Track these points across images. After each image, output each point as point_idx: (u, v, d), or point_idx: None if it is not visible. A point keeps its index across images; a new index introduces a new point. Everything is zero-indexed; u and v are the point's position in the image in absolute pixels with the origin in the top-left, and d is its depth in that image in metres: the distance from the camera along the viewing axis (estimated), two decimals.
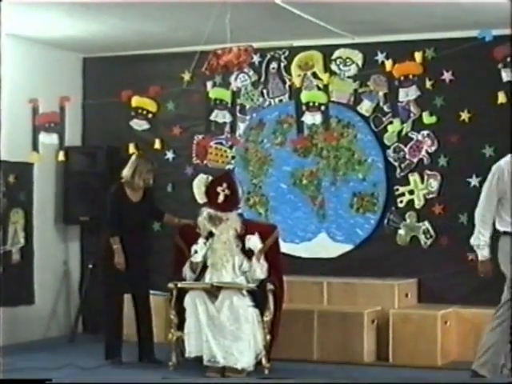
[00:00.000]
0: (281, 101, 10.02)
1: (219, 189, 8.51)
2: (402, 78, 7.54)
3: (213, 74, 8.24)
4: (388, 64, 7.88)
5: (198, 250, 8.30)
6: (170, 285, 8.31)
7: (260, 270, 8.30)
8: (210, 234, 8.36)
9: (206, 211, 8.50)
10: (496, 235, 7.22)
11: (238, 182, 9.00)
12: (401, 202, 9.58)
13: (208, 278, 8.31)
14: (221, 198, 8.48)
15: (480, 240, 7.16)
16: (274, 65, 10.03)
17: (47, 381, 2.71)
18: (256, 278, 8.30)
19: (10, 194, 9.76)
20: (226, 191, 8.51)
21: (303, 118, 8.00)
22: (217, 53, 7.61)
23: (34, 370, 8.20)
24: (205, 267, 8.37)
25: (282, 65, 9.99)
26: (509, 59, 6.87)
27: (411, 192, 9.54)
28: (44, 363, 8.47)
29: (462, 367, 8.19)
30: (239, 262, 8.36)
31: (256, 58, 9.86)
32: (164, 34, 9.54)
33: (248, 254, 8.37)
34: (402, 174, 9.58)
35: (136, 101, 8.25)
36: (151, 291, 8.88)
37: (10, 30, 9.33)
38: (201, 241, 8.32)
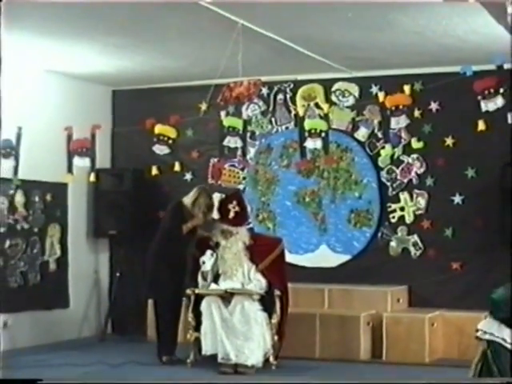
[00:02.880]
0: (287, 128, 10.03)
1: (230, 206, 8.52)
2: (394, 108, 7.53)
3: (226, 104, 8.24)
4: (381, 96, 7.88)
5: (206, 261, 8.29)
6: (188, 291, 8.30)
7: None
8: (217, 245, 8.35)
9: (219, 226, 8.52)
10: None
11: (245, 199, 9.03)
12: (393, 217, 9.57)
13: (221, 284, 8.31)
14: (231, 215, 8.49)
15: None
16: (280, 96, 10.05)
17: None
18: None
19: (48, 211, 9.78)
20: (236, 208, 8.51)
21: (306, 144, 7.99)
22: (230, 86, 7.62)
23: (67, 366, 8.23)
24: (218, 275, 8.36)
25: (288, 96, 10.00)
26: (487, 92, 6.86)
27: (402, 209, 9.53)
28: (76, 360, 8.47)
29: (447, 364, 8.23)
30: (247, 270, 8.37)
31: (265, 90, 9.89)
32: (183, 69, 9.57)
33: (255, 262, 8.38)
34: (394, 192, 9.57)
35: (158, 128, 8.24)
36: None
37: (50, 66, 9.41)
38: (208, 252, 8.33)
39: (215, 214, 8.69)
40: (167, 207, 8.85)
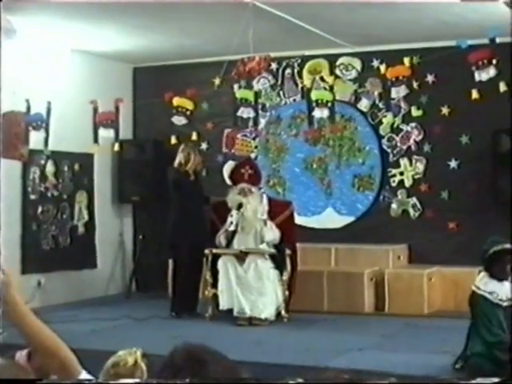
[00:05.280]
0: (294, 100, 10.00)
1: (243, 170, 8.56)
2: (394, 79, 7.50)
3: (240, 78, 8.22)
4: (382, 68, 7.85)
5: (234, 221, 8.28)
6: (206, 251, 8.33)
7: (268, 234, 8.30)
8: (240, 207, 8.34)
9: (235, 187, 8.52)
10: None
11: (257, 165, 9.06)
12: (393, 181, 9.56)
13: (236, 244, 8.33)
14: (246, 176, 8.52)
15: None
16: (288, 71, 10.01)
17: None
18: (266, 239, 8.30)
19: (76, 179, 9.81)
20: (250, 171, 8.55)
21: (313, 113, 7.97)
22: (244, 61, 7.62)
23: (96, 320, 8.30)
24: (233, 235, 8.37)
25: (295, 70, 9.96)
26: (480, 63, 6.83)
27: (402, 173, 9.52)
28: (105, 315, 8.54)
29: (444, 315, 8.26)
30: (260, 228, 8.35)
31: (274, 66, 9.84)
32: (198, 46, 9.53)
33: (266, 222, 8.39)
34: (394, 158, 9.55)
35: (176, 101, 8.21)
36: None
37: (76, 46, 9.40)
38: (234, 212, 8.30)
39: (228, 180, 8.72)
40: None
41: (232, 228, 8.29)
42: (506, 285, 5.53)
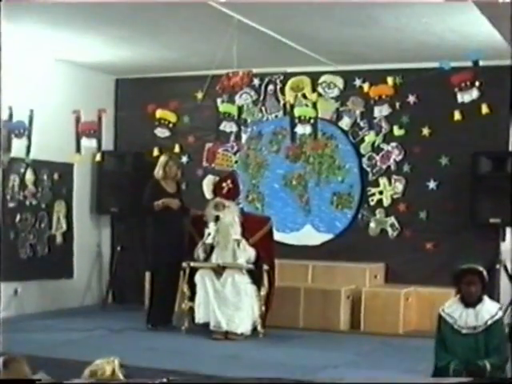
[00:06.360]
0: (276, 116, 10.02)
1: (224, 184, 8.54)
2: (377, 97, 7.53)
3: (224, 92, 8.24)
4: (365, 86, 7.89)
5: (211, 232, 8.27)
6: (184, 264, 8.31)
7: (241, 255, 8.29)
8: (217, 220, 8.30)
9: (212, 200, 8.53)
10: None
11: (239, 180, 9.05)
12: (372, 200, 9.59)
13: (214, 258, 8.31)
14: (225, 190, 8.51)
15: None
16: (271, 87, 10.03)
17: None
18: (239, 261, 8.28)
19: (55, 189, 9.77)
20: (230, 185, 8.54)
21: (296, 129, 8.00)
22: (229, 75, 7.64)
23: (72, 330, 8.24)
24: (211, 249, 8.34)
25: (278, 87, 9.97)
26: (463, 84, 6.87)
27: (381, 192, 9.56)
28: (80, 326, 8.50)
29: (420, 335, 8.27)
30: (238, 242, 8.28)
31: (256, 81, 9.85)
32: (181, 60, 9.53)
33: (246, 238, 8.35)
34: (374, 177, 9.59)
35: (159, 113, 8.19)
36: None
37: (59, 56, 9.39)
38: (211, 225, 8.28)
39: (210, 193, 8.70)
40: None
41: (209, 241, 8.26)
42: (470, 312, 5.41)
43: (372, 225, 9.57)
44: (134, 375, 3.54)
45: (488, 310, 5.37)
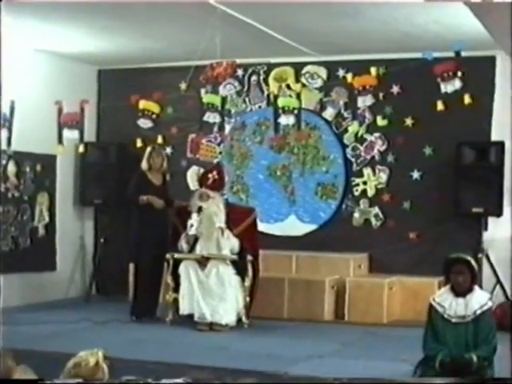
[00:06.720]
0: (260, 107, 10.01)
1: (210, 175, 8.53)
2: (361, 87, 7.55)
3: (207, 82, 8.24)
4: (349, 77, 7.89)
5: (194, 224, 8.26)
6: (168, 256, 8.30)
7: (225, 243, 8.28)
8: (199, 210, 8.30)
9: (197, 191, 8.53)
10: None
11: (225, 171, 9.04)
12: (356, 190, 9.60)
13: (198, 249, 8.29)
14: (210, 181, 8.50)
15: None
16: (254, 77, 10.01)
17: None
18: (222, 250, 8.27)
19: (37, 180, 9.73)
20: (216, 176, 8.52)
21: (279, 120, 8.00)
22: (213, 66, 7.62)
23: (56, 323, 8.22)
24: (195, 241, 8.35)
25: (261, 78, 9.97)
26: (446, 74, 6.90)
27: (365, 183, 9.57)
28: (64, 318, 8.47)
29: (403, 324, 8.31)
30: (222, 232, 8.27)
31: (240, 72, 9.84)
32: (164, 50, 9.50)
33: (230, 229, 8.35)
34: (358, 168, 9.60)
35: (143, 104, 8.18)
36: None
37: (40, 46, 9.32)
38: (194, 215, 8.25)
39: (196, 184, 8.69)
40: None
41: (192, 232, 8.25)
42: (460, 302, 5.44)
43: (356, 215, 9.58)
44: (118, 367, 3.53)
45: (478, 299, 5.40)
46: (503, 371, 5.30)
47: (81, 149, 8.42)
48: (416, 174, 9.32)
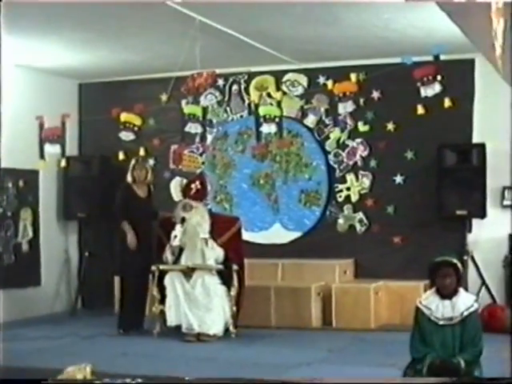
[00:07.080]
0: (241, 116, 10.03)
1: (193, 185, 8.53)
2: (341, 94, 7.57)
3: (189, 93, 8.23)
4: (329, 84, 7.91)
5: (178, 234, 8.25)
6: (153, 267, 8.28)
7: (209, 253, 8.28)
8: (183, 221, 8.28)
9: (180, 202, 8.52)
10: None
11: (207, 181, 9.04)
12: (340, 196, 9.62)
13: (183, 260, 8.28)
14: (193, 191, 8.49)
15: None
16: (235, 87, 10.03)
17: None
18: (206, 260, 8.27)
19: (20, 196, 9.69)
20: (198, 186, 8.52)
21: (261, 129, 8.00)
22: (194, 76, 7.63)
23: (42, 338, 8.17)
24: (180, 251, 8.33)
25: (242, 87, 9.99)
26: (426, 79, 6.92)
27: (348, 189, 9.59)
28: (50, 333, 8.43)
29: (391, 329, 8.32)
30: (206, 242, 8.26)
31: (221, 82, 9.87)
32: (144, 63, 9.50)
33: (214, 239, 8.34)
34: (341, 174, 9.62)
35: (124, 116, 8.16)
36: None
37: (20, 61, 9.30)
38: (178, 226, 8.25)
39: (179, 195, 8.67)
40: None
41: (176, 243, 8.24)
42: (446, 304, 5.45)
43: (340, 221, 9.60)
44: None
45: (464, 301, 5.41)
46: (491, 372, 5.31)
47: (63, 163, 8.40)
48: (399, 179, 9.35)
